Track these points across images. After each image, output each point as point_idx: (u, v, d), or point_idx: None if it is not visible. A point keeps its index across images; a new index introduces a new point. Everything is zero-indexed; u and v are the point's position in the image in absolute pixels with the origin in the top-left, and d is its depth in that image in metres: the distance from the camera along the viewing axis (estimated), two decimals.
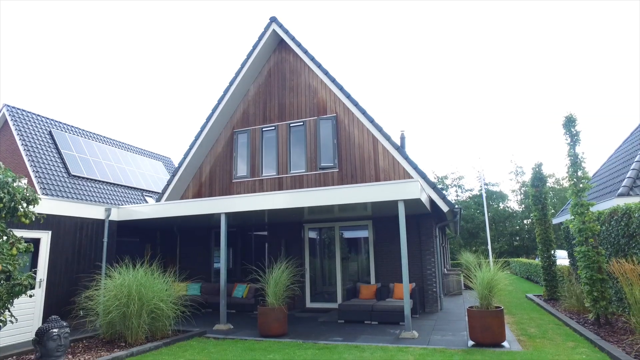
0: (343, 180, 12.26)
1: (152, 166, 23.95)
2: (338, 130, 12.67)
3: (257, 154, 13.56)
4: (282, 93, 13.71)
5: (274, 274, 8.70)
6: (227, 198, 10.05)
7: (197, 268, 13.82)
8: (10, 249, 5.81)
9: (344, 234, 12.74)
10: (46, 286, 9.10)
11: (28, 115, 19.20)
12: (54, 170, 17.65)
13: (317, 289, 12.73)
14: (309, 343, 7.81)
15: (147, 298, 7.72)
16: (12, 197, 6.03)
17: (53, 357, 6.64)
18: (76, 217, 10.03)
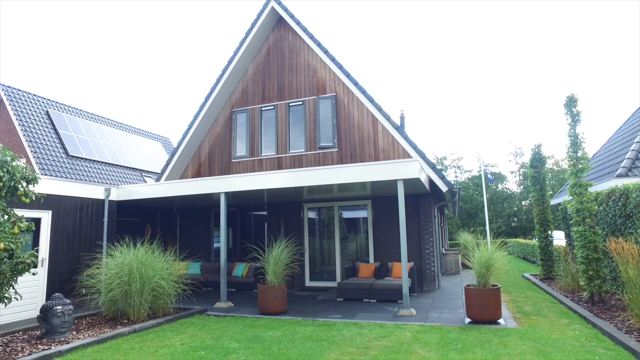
0: (342, 159, 12.26)
1: (151, 146, 23.85)
2: (337, 110, 12.59)
3: (256, 133, 13.50)
4: (281, 72, 13.56)
5: (274, 253, 8.78)
6: (226, 177, 10.05)
7: (196, 247, 13.93)
8: (12, 228, 5.84)
9: (343, 214, 12.81)
10: (48, 265, 9.18)
11: (24, 94, 19.00)
12: (52, 150, 17.57)
13: (316, 268, 12.87)
14: (309, 320, 7.94)
15: (149, 276, 7.81)
16: (11, 176, 6.03)
17: (58, 333, 6.77)
18: (76, 197, 10.05)
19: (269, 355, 5.71)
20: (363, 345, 6.05)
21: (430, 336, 6.47)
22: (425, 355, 5.51)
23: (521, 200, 43.75)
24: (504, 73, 73.97)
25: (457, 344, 6.00)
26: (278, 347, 6.09)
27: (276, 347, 6.13)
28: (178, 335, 6.99)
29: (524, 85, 70.95)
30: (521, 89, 70.56)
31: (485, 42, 73.00)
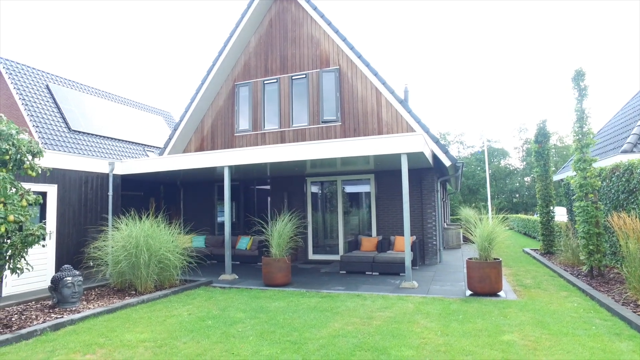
0: (346, 133, 12.21)
1: (153, 121, 23.74)
2: (341, 83, 12.45)
3: (258, 107, 13.41)
4: (284, 44, 13.35)
5: (278, 226, 8.88)
6: (230, 151, 10.05)
7: (200, 221, 14.06)
8: (20, 201, 5.91)
9: (346, 188, 12.86)
10: (56, 237, 9.32)
11: (24, 68, 18.79)
12: (54, 125, 17.51)
13: (319, 242, 13.03)
14: (312, 292, 8.10)
15: (155, 249, 7.94)
16: (17, 149, 6.06)
17: (69, 303, 6.95)
18: (81, 171, 10.09)
19: (274, 325, 5.86)
20: (366, 316, 6.20)
21: (432, 307, 6.62)
22: (427, 325, 5.65)
23: (523, 176, 43.74)
24: (508, 48, 72.59)
25: (459, 314, 6.14)
26: (283, 317, 6.25)
27: (281, 317, 6.28)
28: (185, 305, 7.16)
29: (527, 61, 69.73)
30: (525, 65, 69.39)
31: (489, 17, 71.34)
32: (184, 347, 5.01)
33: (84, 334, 5.61)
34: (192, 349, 4.93)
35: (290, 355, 4.68)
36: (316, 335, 5.37)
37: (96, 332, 5.68)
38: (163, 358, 4.67)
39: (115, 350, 4.94)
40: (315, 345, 4.96)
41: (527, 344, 4.84)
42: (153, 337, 5.40)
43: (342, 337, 5.27)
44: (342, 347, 4.87)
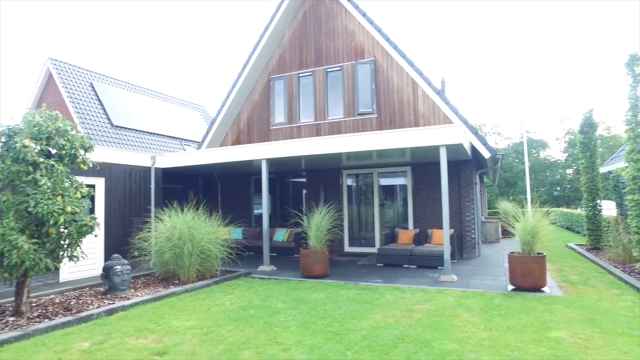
0: (382, 126, 12.11)
1: (189, 115, 24.33)
2: (376, 75, 12.34)
3: (294, 100, 13.49)
4: (318, 37, 13.33)
5: (315, 218, 8.96)
6: (267, 144, 10.20)
7: (237, 213, 14.34)
8: (75, 193, 6.23)
9: (382, 180, 12.79)
10: (104, 228, 9.77)
11: (70, 67, 19.66)
12: (98, 121, 18.26)
13: (355, 234, 13.05)
14: (351, 284, 8.14)
15: (197, 240, 8.19)
16: (71, 144, 6.37)
17: (119, 290, 7.29)
18: (125, 164, 10.51)
19: (315, 316, 5.94)
20: (406, 309, 6.18)
21: (473, 302, 6.52)
22: (469, 319, 5.57)
23: (565, 168, 42.00)
24: (547, 34, 69.55)
25: (501, 309, 6.02)
26: (323, 308, 6.32)
27: (321, 308, 6.36)
28: (227, 295, 7.37)
29: (569, 47, 66.61)
30: (566, 51, 66.32)
31: (527, 5, 68.47)
32: (229, 335, 5.16)
33: (135, 320, 5.88)
34: (237, 337, 5.08)
35: (333, 346, 4.73)
36: (357, 326, 5.41)
37: (146, 318, 5.94)
38: (210, 344, 4.83)
39: (165, 336, 5.15)
40: (357, 336, 5.00)
41: (577, 341, 4.68)
42: (199, 325, 5.60)
43: (383, 328, 5.28)
44: (385, 339, 4.88)
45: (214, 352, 4.60)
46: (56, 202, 5.87)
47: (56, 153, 6.41)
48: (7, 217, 5.74)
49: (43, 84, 19.52)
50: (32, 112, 6.24)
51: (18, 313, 5.94)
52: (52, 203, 5.80)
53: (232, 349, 4.67)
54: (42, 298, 7.17)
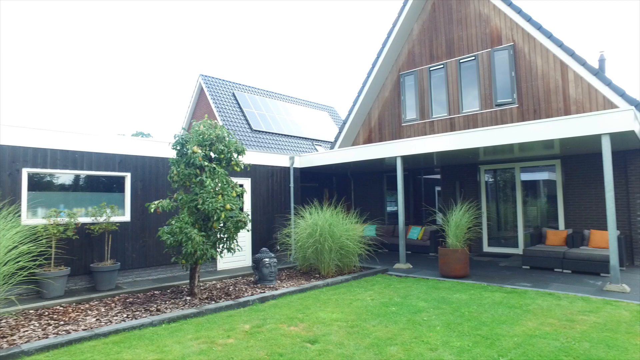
0: (524, 116, 11.05)
1: (319, 116, 25.49)
2: (516, 61, 11.29)
3: (425, 95, 13.14)
4: (449, 27, 12.75)
5: (454, 216, 8.61)
6: (401, 141, 10.13)
7: (370, 210, 14.53)
8: (232, 192, 7.03)
9: (526, 175, 11.67)
10: (251, 224, 10.83)
11: (216, 81, 22.26)
12: (239, 126, 20.32)
13: (494, 233, 12.17)
14: (494, 286, 7.64)
15: (336, 236, 8.55)
16: (228, 149, 7.21)
17: (267, 280, 8.00)
18: (267, 165, 11.48)
19: (459, 317, 5.72)
20: (565, 318, 5.55)
21: None
22: None
23: None
24: None
25: None
26: (468, 310, 6.05)
27: (465, 309, 6.09)
28: (366, 291, 7.53)
29: None
30: None
31: None
32: (374, 330, 5.27)
33: (284, 308, 6.39)
34: (382, 332, 5.16)
35: (483, 350, 4.50)
36: (509, 332, 5.04)
37: (294, 308, 6.41)
38: (357, 337, 5.00)
39: (313, 326, 5.49)
40: (510, 343, 4.67)
41: None
42: (344, 318, 5.83)
43: (539, 337, 4.83)
44: (543, 349, 4.46)
45: (361, 345, 4.75)
46: (218, 200, 6.70)
47: (215, 157, 7.34)
48: (183, 213, 6.76)
49: (196, 96, 22.43)
50: (198, 123, 7.24)
51: (192, 294, 6.95)
52: (215, 201, 6.65)
53: (379, 344, 4.76)
54: (206, 283, 8.28)
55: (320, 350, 4.60)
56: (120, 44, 77.44)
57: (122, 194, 8.61)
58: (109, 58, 74.34)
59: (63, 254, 7.40)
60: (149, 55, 78.99)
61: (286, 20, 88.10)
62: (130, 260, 8.53)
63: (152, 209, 6.81)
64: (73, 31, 70.14)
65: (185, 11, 79.81)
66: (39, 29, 68.37)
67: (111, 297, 7.10)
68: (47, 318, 5.86)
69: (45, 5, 67.03)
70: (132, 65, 76.66)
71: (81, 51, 70.49)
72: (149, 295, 7.28)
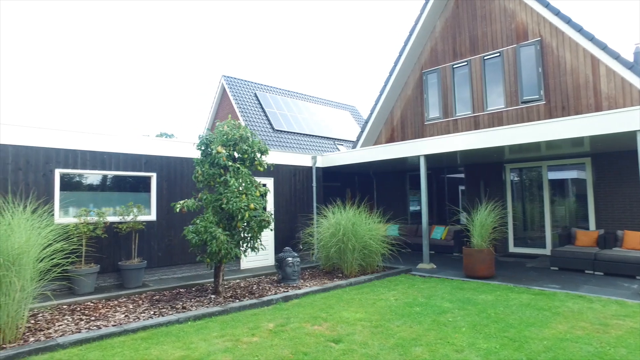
0: (551, 113, 10.75)
1: (340, 116, 25.46)
2: (543, 56, 10.99)
3: (448, 93, 12.95)
4: (472, 24, 12.52)
5: (479, 215, 8.46)
6: (424, 140, 10.01)
7: (393, 210, 14.41)
8: (255, 192, 7.09)
9: (553, 174, 11.36)
10: (274, 223, 10.89)
11: (238, 82, 22.48)
12: (261, 126, 20.47)
13: (520, 234, 11.90)
14: (521, 287, 7.46)
15: (359, 236, 8.52)
16: (251, 149, 7.27)
17: (290, 279, 8.04)
18: (290, 165, 11.53)
19: (485, 318, 5.61)
20: (598, 322, 5.37)
21: None
22: None
23: None
24: None
25: None
26: (494, 312, 5.93)
27: (492, 311, 5.98)
28: (390, 291, 7.48)
29: None
30: None
31: None
32: (398, 330, 5.23)
33: (307, 308, 6.41)
34: (406, 333, 5.11)
35: (511, 353, 4.40)
36: (538, 335, 4.92)
37: (317, 307, 6.42)
38: (381, 337, 4.97)
39: (337, 325, 5.48)
40: (539, 346, 4.55)
41: None
42: (367, 317, 5.80)
43: (571, 341, 4.69)
44: (575, 354, 4.33)
45: (386, 345, 4.71)
46: (242, 199, 6.77)
47: (239, 157, 7.41)
48: (207, 213, 6.86)
49: (219, 97, 22.72)
50: (222, 123, 7.33)
51: (217, 292, 7.05)
52: (239, 201, 6.72)
53: (403, 344, 4.71)
54: (230, 282, 8.38)
55: (344, 349, 4.59)
56: (144, 46, 79.21)
57: (148, 194, 8.80)
58: (135, 60, 76.13)
59: (93, 251, 7.61)
60: (172, 56, 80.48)
61: (308, 20, 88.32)
62: (156, 258, 8.71)
63: (177, 209, 6.94)
64: (98, 33, 72.11)
65: (208, 13, 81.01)
66: (65, 31, 70.61)
67: (138, 295, 7.27)
68: (79, 313, 6.05)
69: (71, 6, 69.19)
70: (156, 67, 78.30)
71: (108, 53, 72.40)
72: (175, 293, 7.43)
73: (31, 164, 7.30)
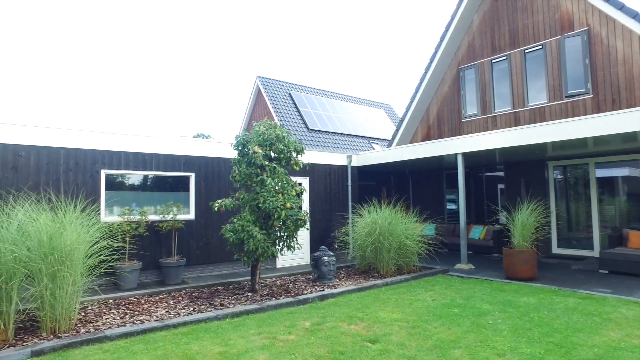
0: (599, 107, 10.20)
1: (375, 114, 25.24)
2: (591, 47, 10.44)
3: (487, 89, 12.56)
4: (512, 16, 12.07)
5: (521, 215, 8.15)
6: (462, 137, 9.77)
7: (429, 209, 14.13)
8: (291, 191, 7.14)
9: (601, 172, 10.77)
10: (309, 222, 10.93)
11: (273, 82, 22.73)
12: (296, 126, 20.60)
13: (565, 234, 11.37)
14: (567, 290, 7.13)
15: (396, 235, 8.41)
16: (287, 148, 7.33)
17: (326, 279, 8.05)
18: (325, 164, 11.54)
19: (528, 322, 5.40)
20: None
21: None
22: None
23: None
24: None
25: None
26: (537, 315, 5.69)
27: (535, 314, 5.74)
28: (427, 291, 7.34)
29: None
30: None
31: None
32: (435, 332, 5.12)
33: (343, 307, 6.39)
34: (444, 334, 5.00)
35: (557, 359, 4.21)
36: (587, 341, 4.67)
37: (353, 307, 6.39)
38: (418, 338, 4.88)
39: (373, 325, 5.44)
40: (589, 354, 4.32)
41: None
42: (404, 318, 5.72)
43: (626, 350, 4.42)
44: None
45: (424, 346, 4.63)
46: (278, 199, 6.84)
47: (275, 157, 7.49)
48: (245, 212, 6.98)
49: (254, 97, 23.07)
50: (258, 124, 7.43)
51: (253, 290, 7.16)
52: (275, 200, 6.79)
53: (442, 346, 4.61)
54: (266, 280, 8.49)
55: (381, 350, 4.54)
56: (182, 49, 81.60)
57: (187, 193, 9.05)
58: (173, 63, 78.59)
59: (135, 249, 7.91)
60: (208, 59, 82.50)
61: (342, 19, 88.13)
62: (195, 256, 8.95)
63: (215, 208, 7.10)
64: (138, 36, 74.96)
65: (243, 15, 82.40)
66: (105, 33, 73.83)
67: (178, 291, 7.49)
68: (124, 307, 6.31)
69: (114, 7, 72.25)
70: (193, 69, 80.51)
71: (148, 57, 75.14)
72: (213, 290, 7.60)
73: (80, 165, 7.68)
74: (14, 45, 63.17)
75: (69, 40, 70.81)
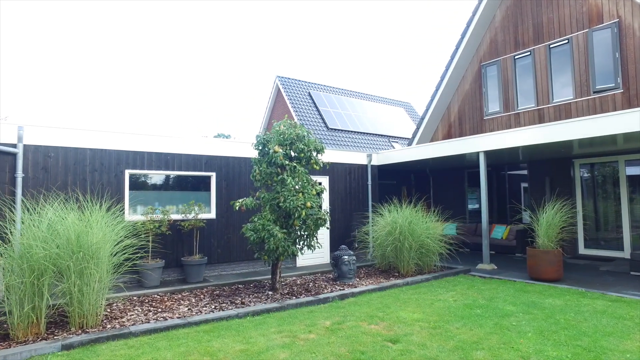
0: (630, 102, 9.85)
1: (394, 113, 25.04)
2: (621, 40, 10.09)
3: (509, 85, 12.29)
4: (536, 10, 11.78)
5: (546, 214, 7.96)
6: (484, 136, 9.59)
7: (450, 208, 13.93)
8: (312, 190, 7.15)
9: (633, 169, 10.41)
10: (329, 222, 10.93)
11: (292, 81, 22.80)
12: (316, 125, 20.62)
13: (592, 234, 11.04)
14: (595, 292, 6.92)
15: (416, 234, 8.33)
16: (307, 147, 7.34)
17: (346, 278, 8.03)
18: (345, 163, 11.51)
19: (554, 324, 5.27)
20: None
21: None
22: None
23: None
24: None
25: None
26: (564, 318, 5.55)
27: (561, 317, 5.60)
28: (448, 291, 7.24)
29: None
30: None
31: None
32: (457, 332, 5.05)
33: (364, 306, 6.37)
34: (466, 335, 4.92)
35: None
36: (617, 346, 4.52)
37: (374, 306, 6.36)
38: (440, 339, 4.82)
39: (394, 325, 5.40)
40: (621, 359, 4.18)
41: None
42: (425, 318, 5.66)
43: None
44: None
45: (445, 347, 4.57)
46: (299, 198, 6.86)
47: (295, 156, 7.51)
48: (265, 211, 7.03)
49: (274, 97, 23.20)
50: (278, 123, 7.47)
51: (274, 289, 7.20)
52: (296, 199, 6.81)
53: (464, 347, 4.54)
54: (287, 279, 8.53)
55: (402, 350, 4.51)
56: (202, 51, 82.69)
57: (208, 193, 9.18)
58: (194, 63, 79.73)
59: (158, 247, 8.07)
60: (228, 60, 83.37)
61: (363, 18, 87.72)
62: (216, 255, 9.06)
63: (236, 207, 7.17)
64: (159, 37, 76.33)
65: (263, 15, 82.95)
66: (129, 35, 75.43)
67: (200, 289, 7.61)
68: (147, 305, 6.45)
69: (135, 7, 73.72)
70: (213, 70, 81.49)
71: (169, 58, 76.44)
72: (234, 288, 7.69)
73: (105, 165, 7.88)
74: (39, 45, 65.25)
75: (91, 41, 72.67)
